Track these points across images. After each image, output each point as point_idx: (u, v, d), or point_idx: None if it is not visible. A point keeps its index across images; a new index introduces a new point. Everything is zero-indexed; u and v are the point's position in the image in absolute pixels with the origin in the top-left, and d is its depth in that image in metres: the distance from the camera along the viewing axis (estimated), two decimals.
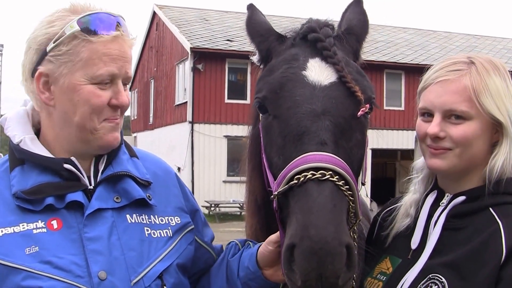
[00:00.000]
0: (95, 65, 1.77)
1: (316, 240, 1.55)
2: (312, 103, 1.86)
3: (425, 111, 1.97)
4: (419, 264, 1.90)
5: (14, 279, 1.67)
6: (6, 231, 1.72)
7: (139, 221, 1.90)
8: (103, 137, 1.84)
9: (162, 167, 2.14)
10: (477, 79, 1.87)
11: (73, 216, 1.79)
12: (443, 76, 1.93)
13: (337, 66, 1.93)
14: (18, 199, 1.77)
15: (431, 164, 1.94)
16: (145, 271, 1.83)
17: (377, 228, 2.26)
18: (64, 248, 1.73)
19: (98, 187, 1.87)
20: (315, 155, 1.74)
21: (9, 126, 1.92)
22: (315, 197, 1.66)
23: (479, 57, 1.97)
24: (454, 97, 1.88)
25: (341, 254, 1.56)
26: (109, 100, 1.81)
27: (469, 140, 1.87)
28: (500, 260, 1.71)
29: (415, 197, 2.11)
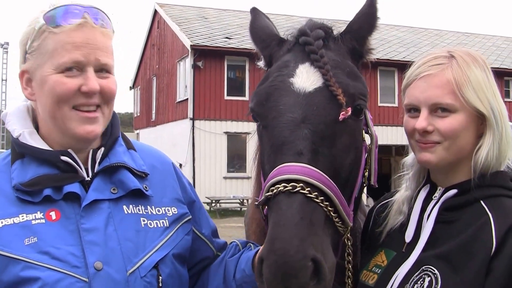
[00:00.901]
0: (58, 54, 1.76)
1: (279, 254, 1.52)
2: (293, 111, 1.82)
3: (411, 107, 1.97)
4: (412, 256, 1.90)
5: (14, 269, 1.67)
6: (6, 222, 1.72)
7: (136, 212, 1.89)
8: (74, 129, 1.81)
9: (159, 159, 2.13)
10: (459, 72, 1.87)
11: (71, 207, 1.79)
12: (426, 71, 1.92)
13: (321, 70, 1.88)
14: (17, 191, 1.76)
15: (421, 158, 1.94)
16: (141, 261, 1.81)
17: (371, 223, 2.25)
18: (62, 239, 1.73)
19: (95, 178, 1.86)
20: (288, 166, 1.71)
21: (9, 120, 1.93)
22: (283, 210, 1.62)
23: (458, 50, 1.97)
24: (438, 90, 1.88)
25: (305, 268, 1.52)
26: (80, 87, 1.79)
27: (456, 132, 1.87)
28: (490, 251, 1.71)
29: (407, 194, 2.10)
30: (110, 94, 1.85)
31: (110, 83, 1.84)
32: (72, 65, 1.77)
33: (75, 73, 1.77)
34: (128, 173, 1.92)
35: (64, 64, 1.76)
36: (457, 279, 1.73)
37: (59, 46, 1.76)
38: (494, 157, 1.87)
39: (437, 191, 1.98)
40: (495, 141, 1.87)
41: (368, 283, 2.03)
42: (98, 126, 1.85)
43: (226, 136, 25.67)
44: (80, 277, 1.70)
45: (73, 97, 1.78)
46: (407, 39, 32.00)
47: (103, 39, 1.82)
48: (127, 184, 1.89)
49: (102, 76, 1.82)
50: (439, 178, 2.00)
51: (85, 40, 1.77)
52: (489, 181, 1.88)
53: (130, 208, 1.88)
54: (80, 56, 1.76)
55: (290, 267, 1.51)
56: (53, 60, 1.77)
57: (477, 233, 1.77)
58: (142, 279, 1.80)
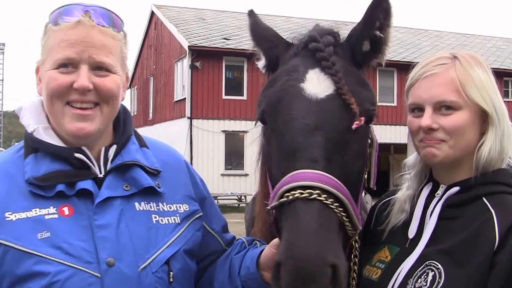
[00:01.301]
0: (54, 51, 1.81)
1: (299, 259, 1.54)
2: (306, 117, 1.82)
3: (415, 107, 2.00)
4: (416, 252, 1.93)
5: (26, 263, 1.69)
6: (20, 216, 1.74)
7: (147, 209, 1.91)
8: (65, 125, 1.83)
9: (172, 156, 2.15)
10: (462, 71, 1.92)
11: (83, 203, 1.81)
12: (429, 71, 1.96)
13: (334, 78, 1.88)
14: (30, 185, 1.78)
15: (426, 153, 1.95)
16: (152, 257, 1.84)
17: (374, 220, 2.28)
18: (74, 234, 1.75)
19: (107, 176, 1.88)
20: (304, 173, 1.72)
21: (24, 115, 1.95)
22: (301, 216, 1.64)
23: (462, 52, 2.01)
24: (442, 89, 1.91)
25: (324, 274, 1.55)
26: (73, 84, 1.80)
27: (461, 129, 1.90)
28: (493, 246, 1.74)
29: (408, 193, 2.12)
30: (107, 92, 1.85)
31: (106, 82, 1.84)
32: (65, 61, 1.80)
33: (69, 69, 1.80)
34: (141, 170, 1.94)
35: (57, 60, 1.80)
36: (461, 274, 1.76)
37: (56, 44, 1.81)
38: (496, 153, 1.90)
39: (439, 188, 2.01)
40: (497, 138, 1.90)
41: (372, 277, 2.05)
42: (92, 124, 1.84)
43: (224, 134, 25.88)
44: (92, 273, 1.72)
45: (66, 93, 1.80)
46: (407, 40, 32.10)
47: (101, 38, 1.83)
48: (140, 182, 1.91)
49: (100, 75, 1.83)
50: (442, 176, 2.02)
51: (80, 38, 1.80)
52: (491, 178, 1.91)
53: (142, 205, 1.91)
54: (72, 53, 1.79)
55: (310, 273, 1.54)
56: (51, 57, 1.82)
57: (480, 229, 1.80)
58: (154, 275, 1.82)
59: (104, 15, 1.88)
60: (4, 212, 1.74)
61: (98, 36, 1.83)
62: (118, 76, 1.90)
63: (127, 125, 2.04)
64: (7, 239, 1.70)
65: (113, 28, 1.89)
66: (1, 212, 1.74)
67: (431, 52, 14.26)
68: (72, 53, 1.79)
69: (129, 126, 2.05)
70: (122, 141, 1.98)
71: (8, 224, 1.72)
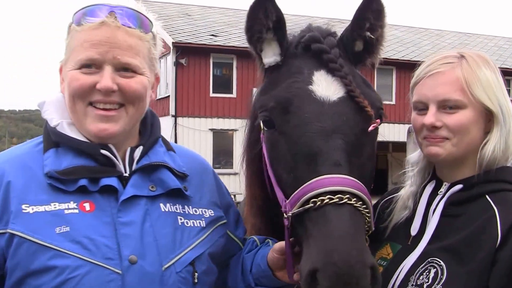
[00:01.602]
0: (76, 51, 1.86)
1: (340, 265, 1.59)
2: (322, 120, 1.85)
3: (419, 104, 2.06)
4: (418, 249, 2.00)
5: (42, 257, 1.72)
6: (37, 209, 1.77)
7: (173, 210, 1.96)
8: (88, 126, 1.88)
9: (199, 163, 2.23)
10: (468, 71, 1.98)
11: (106, 200, 1.85)
12: (435, 69, 2.02)
13: (345, 80, 1.91)
14: (50, 178, 1.81)
15: (430, 151, 2.02)
16: (177, 257, 1.89)
17: (376, 218, 2.31)
18: (96, 229, 1.78)
19: (133, 175, 1.93)
20: (331, 178, 1.76)
21: (47, 109, 1.99)
22: (335, 221, 1.68)
23: (470, 52, 2.07)
24: (447, 87, 1.98)
25: (366, 276, 1.62)
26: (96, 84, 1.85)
27: (464, 128, 1.97)
28: (495, 243, 1.81)
29: (412, 190, 2.20)
30: (132, 93, 1.89)
31: (132, 83, 1.89)
32: (88, 62, 1.85)
33: (92, 70, 1.85)
34: (168, 172, 2.00)
35: (80, 61, 1.85)
36: (463, 271, 1.83)
37: (79, 44, 1.86)
38: (500, 151, 1.97)
39: (442, 186, 2.09)
40: (502, 137, 1.97)
41: None
42: (116, 125, 1.89)
43: (211, 133, 26.00)
44: (113, 269, 1.75)
45: (89, 94, 1.85)
46: (407, 38, 32.43)
47: (127, 39, 1.87)
48: (167, 183, 1.96)
49: (125, 75, 1.88)
50: (445, 174, 2.10)
51: (104, 39, 1.84)
52: (494, 176, 1.98)
53: (167, 206, 1.96)
54: (95, 53, 1.83)
55: (352, 277, 1.59)
56: (73, 57, 1.87)
57: (483, 227, 1.88)
58: (178, 275, 1.87)
59: (132, 15, 1.91)
60: (20, 204, 1.76)
61: (123, 37, 1.86)
62: (145, 77, 1.93)
63: (155, 128, 2.10)
64: (22, 231, 1.73)
65: (140, 29, 1.92)
66: (18, 203, 1.76)
67: (431, 51, 14.09)
68: (95, 54, 1.83)
69: (157, 129, 2.11)
70: (149, 142, 2.03)
71: (25, 216, 1.75)
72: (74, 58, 1.87)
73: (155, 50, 2.01)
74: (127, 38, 1.87)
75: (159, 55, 2.07)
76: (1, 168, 1.84)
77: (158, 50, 2.04)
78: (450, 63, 2.01)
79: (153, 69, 2.01)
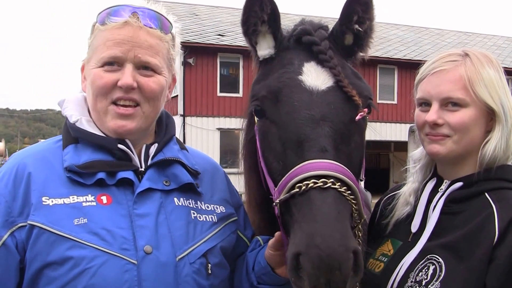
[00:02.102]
0: (99, 50, 1.92)
1: (323, 248, 1.57)
2: (310, 108, 1.87)
3: (422, 101, 2.08)
4: (418, 246, 2.01)
5: (60, 248, 1.75)
6: (56, 202, 1.81)
7: (186, 205, 2.01)
8: (108, 122, 1.93)
9: (211, 163, 2.30)
10: (472, 69, 1.99)
11: (123, 193, 1.90)
12: (439, 67, 2.03)
13: (333, 70, 1.94)
14: (70, 172, 1.86)
15: (431, 149, 2.04)
16: (190, 248, 1.93)
17: (378, 214, 2.36)
18: (113, 221, 1.82)
19: (148, 169, 1.98)
20: (316, 162, 1.76)
21: (66, 106, 2.05)
22: (318, 205, 1.67)
23: (474, 50, 2.08)
24: (450, 85, 1.99)
25: (348, 260, 1.59)
26: (117, 82, 1.90)
27: (466, 126, 1.97)
28: (493, 241, 1.81)
29: (414, 186, 2.21)
30: (150, 92, 1.94)
31: (150, 82, 1.94)
32: (111, 60, 1.90)
33: (114, 67, 1.90)
34: (182, 168, 2.05)
35: (103, 59, 1.90)
36: (461, 267, 1.84)
37: (102, 43, 1.91)
38: (501, 150, 1.98)
39: (443, 183, 2.10)
40: (503, 136, 1.98)
41: (374, 271, 2.14)
42: (132, 122, 1.94)
43: (219, 132, 25.85)
44: (129, 259, 1.79)
45: (111, 91, 1.91)
46: (408, 37, 32.26)
47: (148, 38, 1.93)
48: (181, 178, 2.02)
49: (145, 74, 1.94)
50: (446, 171, 2.11)
51: (126, 38, 1.89)
52: (494, 174, 1.99)
53: (181, 200, 2.00)
54: (118, 52, 1.89)
55: (335, 260, 1.57)
56: (96, 55, 1.92)
57: (481, 224, 1.88)
58: (191, 265, 1.91)
59: (153, 17, 1.97)
60: (40, 197, 1.80)
61: (144, 37, 1.92)
62: (163, 77, 1.99)
63: (169, 127, 2.16)
64: (42, 222, 1.76)
65: (161, 30, 1.98)
66: (38, 196, 1.80)
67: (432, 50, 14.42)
68: (118, 52, 1.88)
69: (172, 128, 2.17)
70: (164, 140, 2.09)
71: (44, 208, 1.79)
72: (97, 56, 1.91)
73: (174, 51, 2.06)
74: (148, 38, 1.93)
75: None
76: (23, 161, 1.88)
77: (177, 51, 2.09)
78: (454, 61, 2.02)
79: (171, 69, 2.06)
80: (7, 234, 1.77)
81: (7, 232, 1.77)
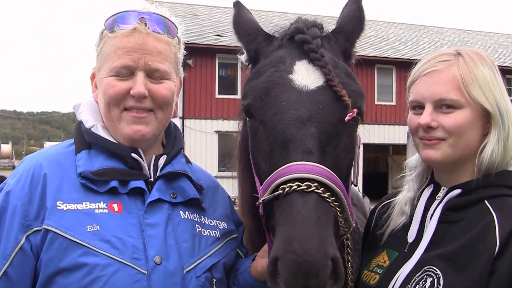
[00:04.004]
0: (111, 58, 1.91)
1: (299, 253, 1.53)
2: (297, 109, 1.83)
3: (416, 104, 1.99)
4: (415, 256, 1.93)
5: (73, 254, 1.74)
6: (70, 207, 1.80)
7: (191, 218, 2.02)
8: (123, 129, 1.94)
9: (212, 180, 2.30)
10: (465, 69, 1.90)
11: (133, 202, 1.90)
12: (431, 67, 1.95)
13: (324, 69, 1.90)
14: (83, 178, 1.86)
15: (425, 155, 1.95)
16: (196, 262, 1.94)
17: (373, 223, 2.28)
18: (124, 230, 1.82)
19: (158, 180, 1.98)
20: (300, 165, 1.72)
21: (82, 111, 2.04)
22: (299, 209, 1.63)
23: (466, 49, 2.00)
24: (444, 86, 1.90)
25: (325, 267, 1.55)
26: (130, 90, 1.90)
27: (461, 128, 1.89)
28: (494, 251, 1.73)
29: (409, 195, 2.12)
30: (162, 99, 1.95)
31: (161, 88, 1.95)
32: (122, 69, 1.88)
33: (126, 76, 1.89)
34: (188, 182, 2.06)
35: (114, 68, 1.90)
36: (460, 280, 1.75)
37: (112, 51, 1.91)
38: (499, 155, 1.88)
39: (440, 191, 2.00)
40: (500, 139, 1.88)
41: (369, 283, 2.05)
42: (147, 127, 1.95)
43: (217, 135, 25.83)
44: (140, 269, 1.79)
45: (123, 99, 1.91)
46: (406, 36, 32.17)
47: (156, 45, 1.93)
48: (187, 192, 2.03)
49: (155, 81, 1.93)
50: (443, 178, 2.02)
51: (136, 45, 1.89)
52: (493, 181, 1.89)
53: (186, 214, 2.01)
54: (129, 60, 1.89)
55: (311, 266, 1.53)
56: (107, 64, 1.91)
57: (481, 234, 1.80)
58: (197, 279, 1.91)
59: (160, 22, 1.97)
60: (55, 201, 1.80)
61: (153, 43, 1.92)
62: (172, 81, 2.00)
63: (178, 139, 2.16)
64: (57, 227, 1.76)
65: (168, 35, 1.98)
66: (53, 200, 1.80)
67: (431, 49, 14.09)
68: (129, 61, 1.88)
69: (180, 140, 2.17)
70: (173, 152, 2.09)
71: (59, 212, 1.78)
72: (108, 65, 1.91)
73: (180, 54, 2.08)
74: (157, 44, 1.93)
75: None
76: (39, 162, 1.88)
77: (182, 54, 2.10)
78: (446, 61, 1.94)
79: (178, 72, 2.08)
80: (24, 238, 1.77)
81: (23, 236, 1.77)
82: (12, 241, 1.76)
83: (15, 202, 1.79)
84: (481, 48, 24.88)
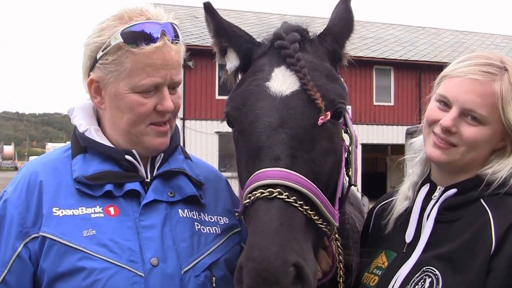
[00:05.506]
0: (138, 75, 1.86)
1: (259, 261, 1.53)
2: (270, 116, 1.81)
3: (443, 100, 1.93)
4: (413, 257, 1.92)
5: (71, 258, 1.75)
6: (66, 213, 1.81)
7: (190, 216, 2.00)
8: (149, 142, 1.96)
9: (213, 173, 2.27)
10: (508, 88, 1.85)
11: (129, 204, 1.89)
12: (474, 74, 1.88)
13: (299, 74, 1.87)
14: (79, 183, 1.86)
15: (431, 153, 1.93)
16: (195, 261, 1.92)
17: (372, 223, 2.27)
18: (120, 233, 1.82)
19: (154, 180, 1.97)
20: (265, 171, 1.71)
21: (76, 115, 2.04)
22: (260, 216, 1.63)
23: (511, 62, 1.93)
24: (479, 99, 1.85)
25: (286, 274, 1.53)
26: (155, 106, 1.90)
27: (477, 143, 1.87)
28: (490, 251, 1.72)
29: (413, 180, 2.11)
30: (178, 109, 1.99)
31: (177, 99, 1.98)
32: (152, 88, 1.87)
33: (151, 94, 1.89)
34: (186, 179, 2.04)
35: (143, 86, 1.87)
36: (459, 279, 1.75)
37: (139, 68, 1.85)
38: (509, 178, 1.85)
39: (437, 190, 1.99)
40: None
41: (369, 285, 2.04)
42: (168, 138, 2.02)
43: (217, 136, 25.72)
44: (137, 272, 1.78)
45: (149, 116, 1.90)
46: (404, 37, 32.08)
47: (177, 58, 1.95)
48: (185, 190, 2.01)
49: (172, 93, 1.96)
50: (440, 177, 2.00)
51: (164, 62, 1.88)
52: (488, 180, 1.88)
53: (185, 212, 1.99)
54: (159, 79, 1.88)
55: (270, 274, 1.51)
56: (131, 79, 1.86)
57: (477, 233, 1.79)
58: (196, 278, 1.89)
59: (176, 32, 1.96)
60: (52, 207, 1.81)
61: (175, 57, 1.93)
62: (179, 88, 2.01)
63: (174, 136, 2.12)
64: (53, 233, 1.77)
65: (181, 43, 1.99)
66: (49, 206, 1.80)
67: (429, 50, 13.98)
68: (159, 79, 1.88)
69: (177, 137, 2.15)
70: (170, 150, 2.07)
71: (55, 219, 1.79)
72: (133, 81, 1.86)
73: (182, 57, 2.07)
74: (176, 56, 1.94)
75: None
76: (35, 170, 1.89)
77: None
78: (491, 74, 1.86)
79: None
80: (21, 245, 1.78)
81: (21, 243, 1.78)
82: (10, 249, 1.78)
83: (12, 210, 1.81)
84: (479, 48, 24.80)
